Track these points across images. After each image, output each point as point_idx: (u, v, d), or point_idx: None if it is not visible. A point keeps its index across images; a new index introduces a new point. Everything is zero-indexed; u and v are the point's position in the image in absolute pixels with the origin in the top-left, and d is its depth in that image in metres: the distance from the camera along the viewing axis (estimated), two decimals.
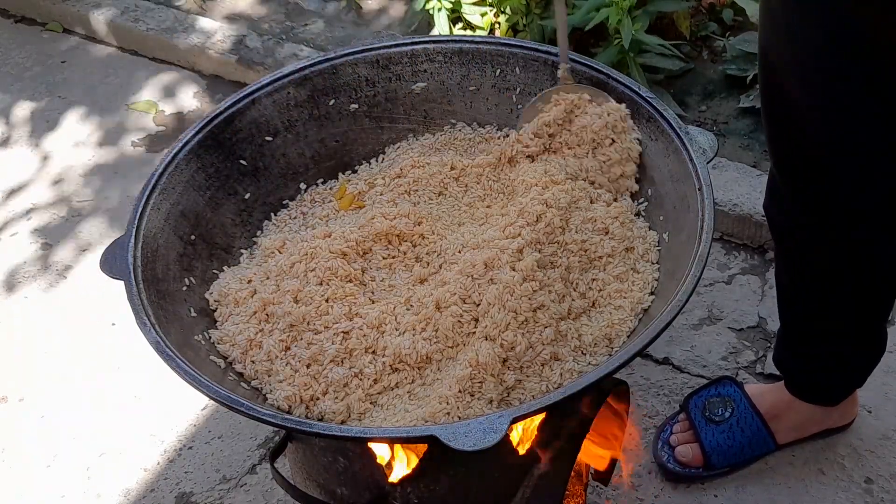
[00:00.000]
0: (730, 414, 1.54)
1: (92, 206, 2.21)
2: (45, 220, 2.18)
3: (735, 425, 1.53)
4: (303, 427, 0.94)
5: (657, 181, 1.20)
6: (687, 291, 0.98)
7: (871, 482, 1.54)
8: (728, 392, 1.57)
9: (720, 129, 2.14)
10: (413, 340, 1.07)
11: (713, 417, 1.54)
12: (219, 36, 2.55)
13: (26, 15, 2.82)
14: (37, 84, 2.58)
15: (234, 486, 1.62)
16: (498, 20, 2.36)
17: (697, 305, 1.82)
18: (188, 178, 1.20)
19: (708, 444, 1.53)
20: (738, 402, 1.55)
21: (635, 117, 1.22)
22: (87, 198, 2.23)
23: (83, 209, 2.20)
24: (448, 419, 0.99)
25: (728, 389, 1.57)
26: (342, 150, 1.34)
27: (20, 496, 1.65)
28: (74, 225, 2.17)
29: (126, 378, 1.82)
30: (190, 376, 0.96)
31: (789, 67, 1.13)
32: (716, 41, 2.33)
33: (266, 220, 1.28)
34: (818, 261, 1.31)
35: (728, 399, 1.55)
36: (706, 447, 1.53)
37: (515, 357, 1.04)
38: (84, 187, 2.26)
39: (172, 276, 1.14)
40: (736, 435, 1.52)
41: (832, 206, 1.22)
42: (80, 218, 2.18)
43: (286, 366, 1.08)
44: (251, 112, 1.27)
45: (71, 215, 2.19)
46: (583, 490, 1.41)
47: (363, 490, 1.17)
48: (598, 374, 0.94)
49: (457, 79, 1.33)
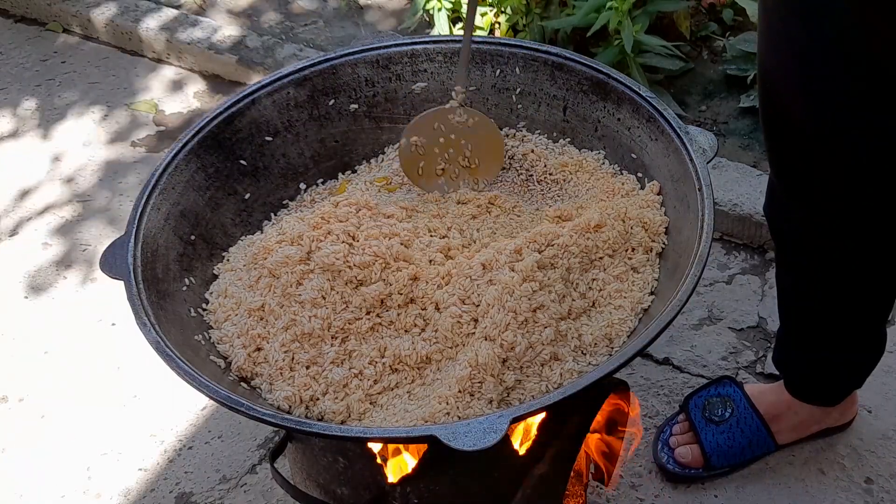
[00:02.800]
0: (730, 414, 1.54)
1: (92, 206, 2.21)
2: (44, 220, 2.18)
3: (735, 426, 1.53)
4: (303, 427, 0.94)
5: (657, 181, 1.20)
6: (687, 291, 0.98)
7: (871, 482, 1.54)
8: (728, 392, 1.57)
9: (720, 129, 2.14)
10: (413, 341, 1.07)
11: (713, 418, 1.54)
12: (219, 36, 2.55)
13: (26, 15, 2.82)
14: (37, 84, 2.58)
15: (234, 486, 1.62)
16: (498, 20, 2.36)
17: (697, 305, 1.82)
18: (188, 178, 1.20)
19: (708, 445, 1.53)
20: (738, 403, 1.55)
21: (636, 117, 1.22)
22: (87, 198, 2.23)
23: (83, 209, 2.20)
24: (448, 419, 0.99)
25: (728, 389, 1.57)
26: (342, 150, 1.35)
27: (20, 496, 1.65)
28: (74, 225, 2.17)
29: (126, 378, 1.82)
30: (190, 376, 0.96)
31: (787, 78, 1.13)
32: (716, 41, 2.33)
33: (266, 220, 1.28)
34: (818, 263, 1.31)
35: (728, 399, 1.55)
36: (706, 448, 1.53)
37: (515, 357, 1.04)
38: (84, 187, 2.26)
39: (172, 276, 1.14)
40: (736, 435, 1.52)
41: (830, 210, 1.22)
42: (81, 218, 2.18)
43: (286, 366, 1.08)
44: (251, 112, 1.27)
45: (71, 215, 2.19)
46: (583, 490, 1.41)
47: (363, 490, 1.17)
48: (598, 374, 0.94)
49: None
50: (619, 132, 1.24)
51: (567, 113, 1.30)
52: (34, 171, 2.32)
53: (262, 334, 1.10)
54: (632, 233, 1.15)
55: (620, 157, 1.25)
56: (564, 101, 1.29)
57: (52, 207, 2.21)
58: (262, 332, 1.10)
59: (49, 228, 2.16)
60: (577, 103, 1.28)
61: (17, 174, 2.32)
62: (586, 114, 1.27)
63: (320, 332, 1.08)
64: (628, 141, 1.23)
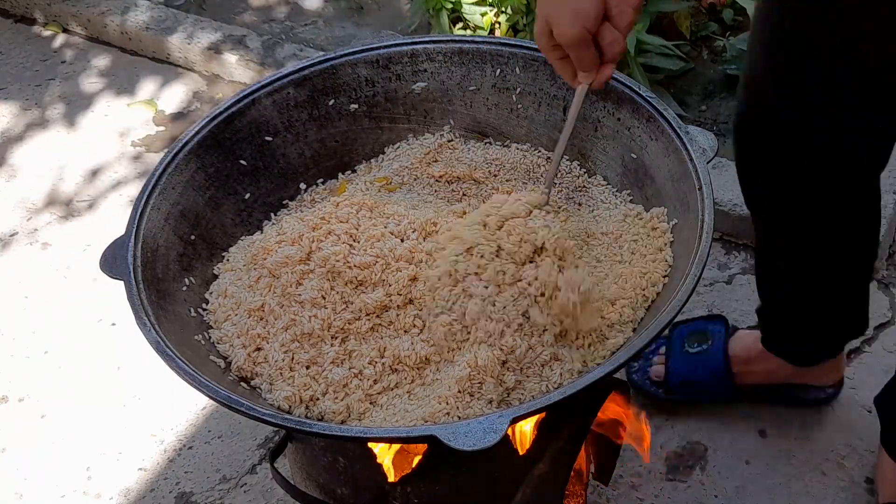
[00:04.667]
0: (703, 350, 1.59)
1: (92, 206, 2.21)
2: (44, 220, 2.18)
3: (702, 361, 1.59)
4: (303, 427, 0.94)
5: (657, 181, 1.20)
6: (687, 291, 0.98)
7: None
8: (712, 329, 1.62)
9: (720, 129, 2.14)
10: (412, 342, 1.07)
11: (688, 349, 1.61)
12: (219, 36, 2.55)
13: (26, 15, 2.82)
14: (37, 84, 2.58)
15: (234, 486, 1.62)
16: (498, 20, 2.36)
17: (697, 305, 1.82)
18: (188, 178, 1.20)
19: (673, 372, 1.60)
20: (715, 341, 1.60)
21: (636, 117, 1.22)
22: (86, 198, 2.23)
23: (83, 209, 2.20)
24: (448, 419, 0.99)
25: (714, 327, 1.62)
26: (342, 150, 1.34)
27: (20, 496, 1.65)
28: (74, 225, 2.17)
29: (126, 378, 1.82)
30: (190, 376, 0.96)
31: (775, 75, 1.15)
32: (716, 41, 2.33)
33: (266, 220, 1.28)
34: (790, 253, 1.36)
35: (708, 335, 1.61)
36: (670, 371, 1.60)
37: (515, 359, 1.04)
38: (84, 187, 2.26)
39: (172, 276, 1.14)
40: (698, 369, 1.59)
41: (797, 209, 1.27)
42: (80, 218, 2.18)
43: (286, 366, 1.08)
44: (251, 112, 1.27)
45: (71, 215, 2.19)
46: (583, 490, 1.41)
47: (363, 490, 1.17)
48: (598, 374, 0.94)
49: (457, 79, 1.33)
50: (619, 132, 1.24)
51: (567, 113, 1.29)
52: (34, 170, 2.32)
53: (262, 334, 1.10)
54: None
55: (621, 157, 1.25)
56: (564, 101, 1.29)
57: (52, 207, 2.22)
58: (262, 332, 1.10)
59: (49, 228, 2.16)
60: None
61: (16, 174, 2.32)
62: (586, 114, 1.27)
63: (320, 332, 1.08)
64: (628, 141, 1.23)
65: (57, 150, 2.37)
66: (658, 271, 1.12)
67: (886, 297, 1.80)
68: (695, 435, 1.62)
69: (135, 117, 2.45)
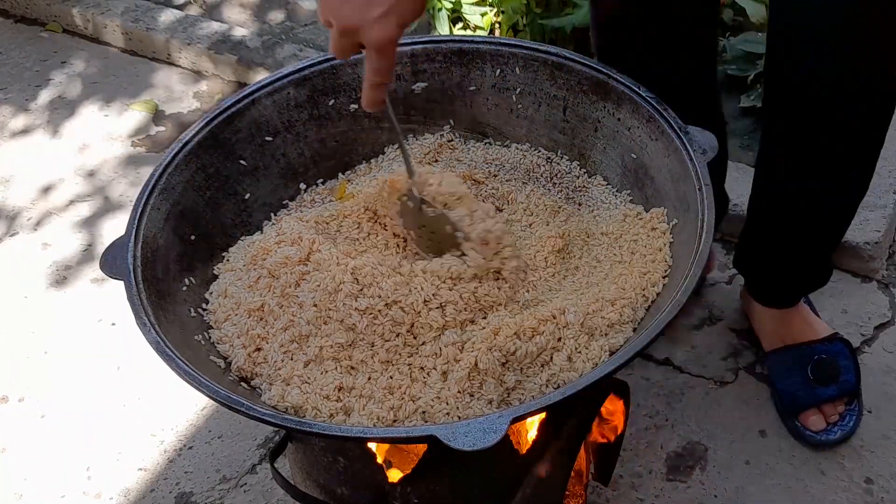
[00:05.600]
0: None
1: (91, 206, 2.21)
2: (44, 221, 2.18)
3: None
4: (303, 427, 0.94)
5: (657, 181, 1.20)
6: (687, 291, 0.98)
7: (871, 482, 1.54)
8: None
9: None
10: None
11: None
12: (219, 36, 2.55)
13: (26, 15, 2.82)
14: (37, 84, 2.58)
15: (234, 486, 1.62)
16: (498, 20, 2.36)
17: (697, 305, 1.82)
18: (188, 178, 1.20)
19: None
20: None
21: (636, 117, 1.22)
22: (86, 198, 2.24)
23: (83, 209, 2.20)
24: (448, 419, 0.99)
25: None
26: (342, 150, 1.35)
27: (20, 496, 1.65)
28: (74, 225, 2.17)
29: (126, 378, 1.82)
30: (190, 376, 0.96)
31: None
32: None
33: (266, 221, 1.28)
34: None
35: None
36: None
37: (516, 360, 1.04)
38: (84, 187, 2.26)
39: (172, 276, 1.14)
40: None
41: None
42: (80, 218, 2.18)
43: (286, 365, 1.08)
44: (251, 112, 1.27)
45: (70, 215, 2.19)
46: (583, 490, 1.41)
47: (363, 490, 1.17)
48: (598, 374, 0.94)
49: (457, 79, 1.33)
50: (619, 132, 1.24)
51: (567, 113, 1.30)
52: (34, 170, 2.32)
53: (262, 334, 1.10)
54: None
55: (621, 157, 1.25)
56: (564, 101, 1.29)
57: (52, 207, 2.22)
58: (262, 332, 1.10)
59: (49, 228, 2.16)
60: (577, 103, 1.28)
61: (15, 174, 2.32)
62: (586, 114, 1.27)
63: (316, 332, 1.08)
64: (628, 141, 1.23)
65: (57, 150, 2.37)
66: (658, 271, 1.12)
67: (886, 297, 1.80)
68: (695, 435, 1.62)
69: (134, 117, 2.45)
